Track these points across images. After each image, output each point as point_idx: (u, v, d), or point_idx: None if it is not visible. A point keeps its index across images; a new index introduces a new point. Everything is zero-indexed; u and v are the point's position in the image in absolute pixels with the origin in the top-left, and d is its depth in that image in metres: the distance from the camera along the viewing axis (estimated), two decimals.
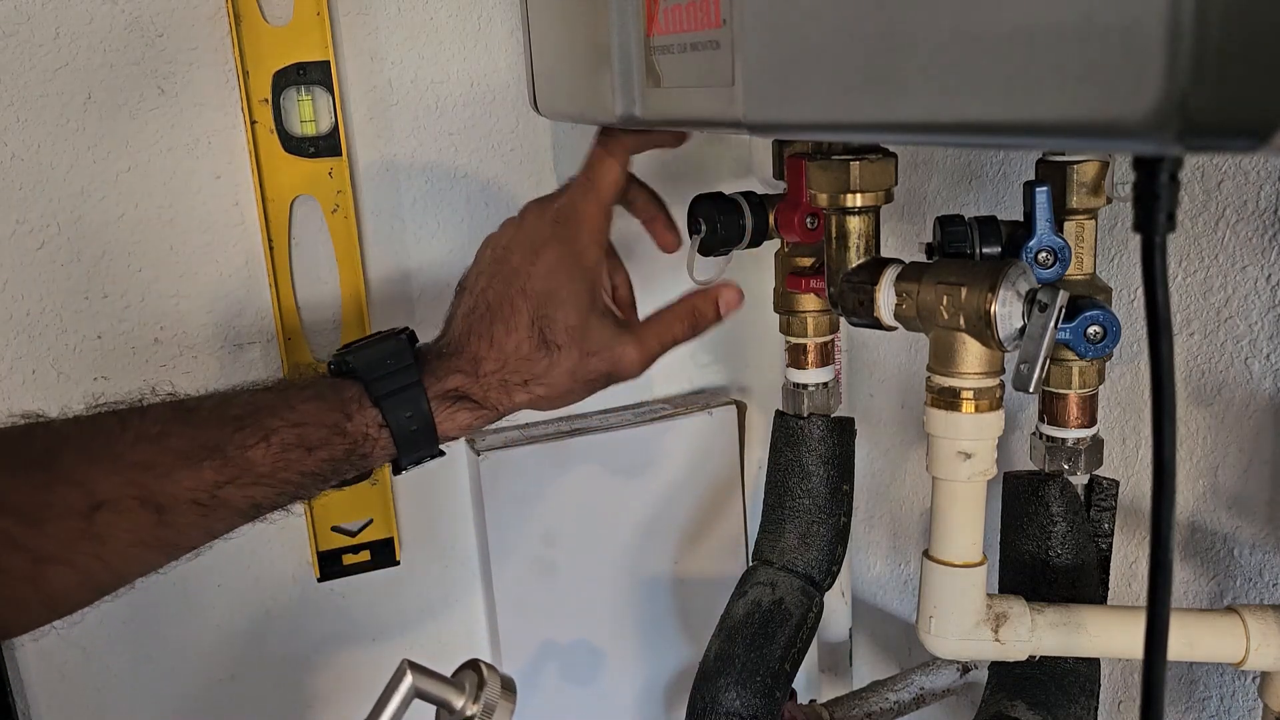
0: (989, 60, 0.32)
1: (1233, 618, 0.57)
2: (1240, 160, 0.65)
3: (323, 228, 0.85)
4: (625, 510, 0.98)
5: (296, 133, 0.82)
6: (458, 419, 0.59)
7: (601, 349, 0.60)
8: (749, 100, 0.46)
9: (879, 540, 1.07)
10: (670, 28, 0.52)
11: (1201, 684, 0.74)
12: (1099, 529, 0.64)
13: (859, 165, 0.58)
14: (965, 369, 0.55)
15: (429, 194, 0.90)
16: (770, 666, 0.70)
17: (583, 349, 0.59)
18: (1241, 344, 0.67)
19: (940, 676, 0.87)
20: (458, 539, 0.97)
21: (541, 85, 0.72)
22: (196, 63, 0.80)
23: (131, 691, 0.87)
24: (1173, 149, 0.28)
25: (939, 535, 0.59)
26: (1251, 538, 0.69)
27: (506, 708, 0.52)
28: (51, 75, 0.76)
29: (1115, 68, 0.28)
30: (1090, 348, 0.57)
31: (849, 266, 0.60)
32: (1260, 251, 0.65)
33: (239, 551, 0.88)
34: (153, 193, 0.81)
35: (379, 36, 0.85)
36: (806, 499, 0.74)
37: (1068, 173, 0.58)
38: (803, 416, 0.75)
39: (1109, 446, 0.69)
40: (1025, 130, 0.32)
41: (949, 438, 0.57)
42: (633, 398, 1.02)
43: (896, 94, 0.36)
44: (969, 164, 0.85)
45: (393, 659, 0.96)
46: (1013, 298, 0.52)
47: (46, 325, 0.80)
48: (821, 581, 0.75)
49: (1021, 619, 0.58)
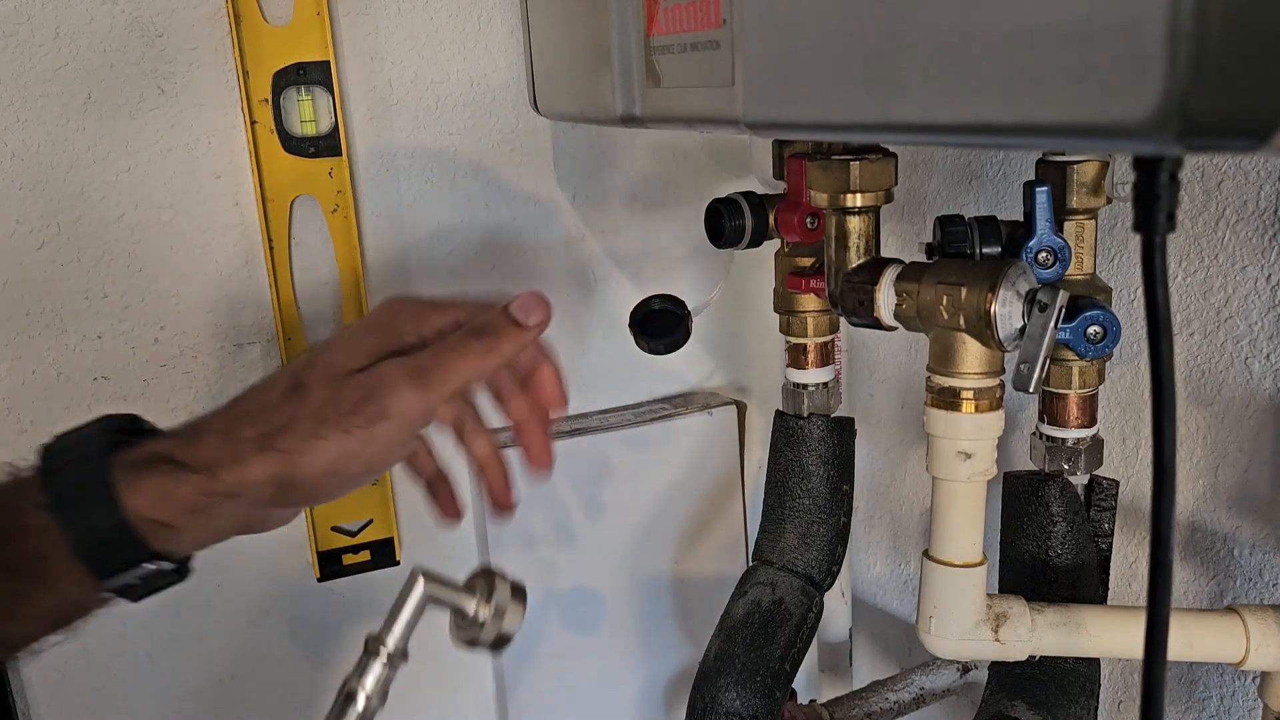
0: (989, 61, 0.32)
1: (1233, 618, 0.57)
2: (1240, 160, 0.65)
3: (322, 228, 0.85)
4: (625, 510, 0.98)
5: (296, 133, 0.82)
6: (150, 484, 0.44)
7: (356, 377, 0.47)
8: (749, 100, 0.46)
9: (879, 540, 1.07)
10: (670, 28, 0.52)
11: (1201, 684, 0.74)
12: (1099, 529, 0.64)
13: (859, 165, 0.58)
14: (965, 369, 0.55)
15: (429, 194, 0.90)
16: (770, 666, 0.70)
17: (336, 381, 0.47)
18: (1241, 344, 0.67)
19: (940, 676, 0.87)
20: (458, 539, 0.96)
21: (541, 85, 0.72)
22: (196, 63, 0.80)
23: (131, 691, 0.87)
24: (1173, 149, 0.28)
25: (939, 535, 0.59)
26: (1251, 537, 0.69)
27: (517, 611, 0.51)
28: (51, 75, 0.76)
29: (1115, 68, 0.28)
30: (1090, 348, 0.57)
31: (849, 266, 0.60)
32: (1260, 251, 0.65)
33: (239, 552, 0.88)
34: (153, 193, 0.81)
35: (379, 36, 0.85)
36: (806, 499, 0.74)
37: (1068, 173, 0.58)
38: (803, 416, 0.75)
39: (1109, 446, 0.69)
40: (1025, 131, 0.32)
41: (949, 438, 0.57)
42: (633, 398, 1.02)
43: (896, 94, 0.36)
44: (969, 164, 0.85)
45: None
46: (1013, 298, 0.52)
47: (46, 325, 0.80)
48: (821, 581, 0.75)
49: (1021, 619, 0.58)
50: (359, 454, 0.46)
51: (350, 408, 0.46)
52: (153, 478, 0.44)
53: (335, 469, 0.46)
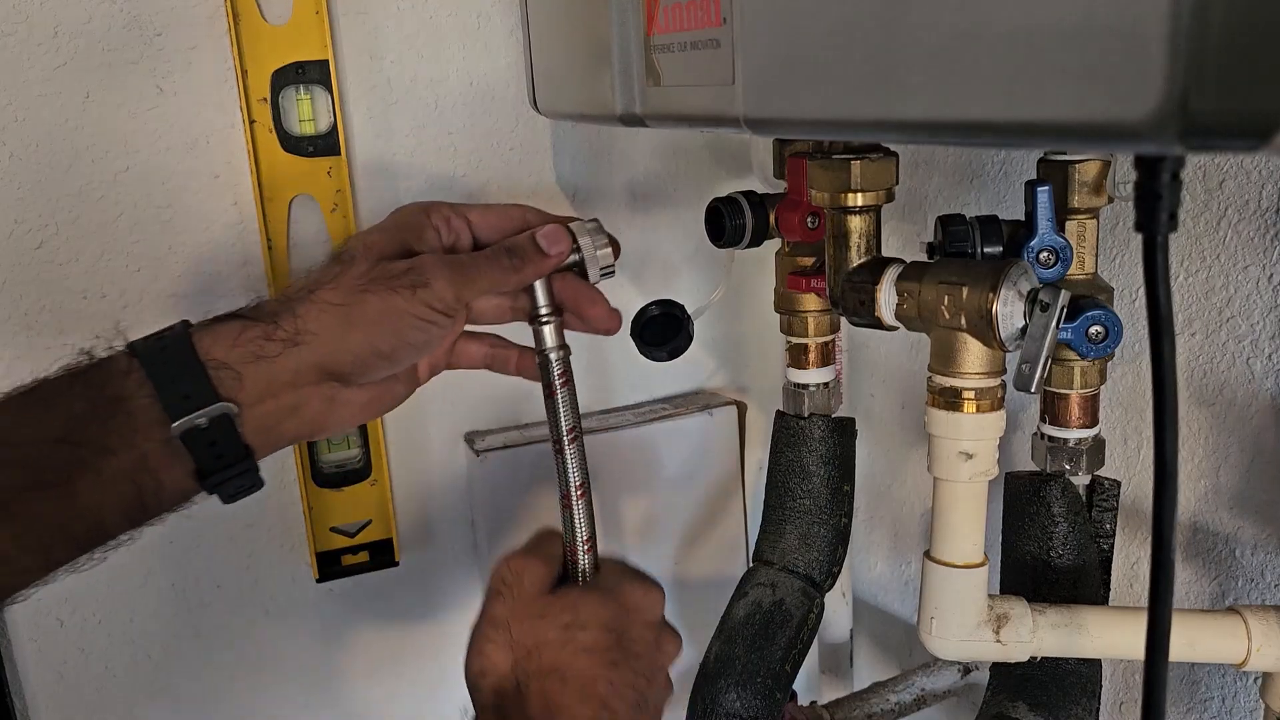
0: (990, 60, 0.32)
1: (1234, 618, 0.57)
2: (1242, 160, 0.65)
3: (322, 227, 0.85)
4: (625, 510, 0.98)
5: (295, 132, 0.82)
6: (219, 331, 0.49)
7: (402, 259, 0.53)
8: (749, 99, 0.46)
9: (880, 541, 1.07)
10: (670, 26, 0.52)
11: (1203, 685, 0.74)
12: (1100, 529, 0.63)
13: (860, 164, 0.58)
14: (967, 369, 0.55)
15: (428, 193, 0.89)
16: (771, 668, 0.70)
17: (382, 255, 0.53)
18: (1243, 344, 0.67)
19: (941, 678, 0.87)
20: (457, 539, 0.96)
21: (541, 84, 0.72)
22: (195, 62, 0.79)
23: (131, 692, 0.87)
24: (1174, 149, 0.27)
25: (940, 536, 0.59)
26: (1253, 538, 0.69)
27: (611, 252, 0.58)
28: (50, 74, 0.76)
29: (1117, 68, 0.28)
30: (1092, 348, 0.57)
31: (850, 266, 0.60)
32: (1262, 251, 0.65)
33: (238, 552, 0.88)
34: (152, 193, 0.80)
35: (378, 36, 0.85)
36: (807, 499, 0.74)
37: (1069, 172, 0.58)
38: (803, 417, 0.74)
39: (1110, 447, 0.68)
40: (1026, 130, 0.32)
41: (950, 438, 0.56)
42: (633, 398, 1.02)
43: (897, 93, 0.36)
44: (970, 163, 0.85)
45: (392, 659, 0.96)
46: (1014, 297, 0.52)
47: (45, 325, 0.80)
48: (822, 582, 0.74)
49: (1023, 620, 0.58)
50: (403, 312, 0.51)
51: (396, 275, 0.51)
52: (221, 326, 0.50)
53: (377, 322, 0.51)
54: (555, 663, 0.51)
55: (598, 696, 0.51)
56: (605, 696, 0.51)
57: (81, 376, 0.48)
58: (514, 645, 0.52)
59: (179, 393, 0.47)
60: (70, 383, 0.47)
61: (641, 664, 0.53)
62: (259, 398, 0.49)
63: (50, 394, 0.47)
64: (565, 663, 0.51)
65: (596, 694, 0.51)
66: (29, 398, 0.47)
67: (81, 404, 0.47)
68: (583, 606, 0.53)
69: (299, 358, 0.49)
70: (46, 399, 0.47)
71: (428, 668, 0.96)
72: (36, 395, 0.47)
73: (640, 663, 0.53)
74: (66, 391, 0.47)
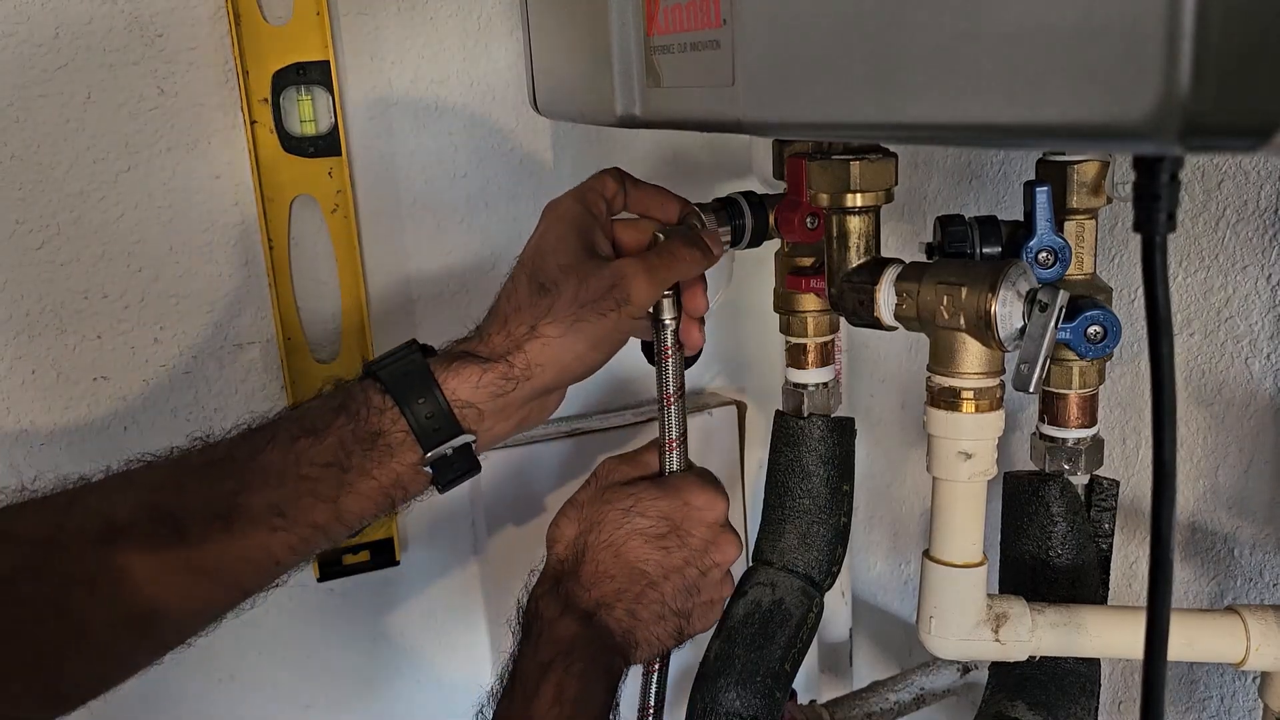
0: (989, 61, 0.32)
1: (1233, 618, 0.57)
2: (1240, 160, 0.65)
3: (322, 227, 0.85)
4: None
5: (296, 132, 0.82)
6: (463, 374, 0.57)
7: (600, 271, 0.58)
8: (749, 100, 0.46)
9: (879, 540, 1.07)
10: (670, 27, 0.52)
11: (1202, 684, 0.74)
12: (1099, 529, 0.63)
13: (859, 165, 0.58)
14: (966, 369, 0.55)
15: (428, 193, 0.90)
16: (770, 667, 0.70)
17: (580, 275, 0.58)
18: (1242, 344, 0.67)
19: (940, 677, 0.87)
20: (458, 539, 0.96)
21: (541, 85, 0.72)
22: (196, 62, 0.79)
23: (130, 692, 0.87)
24: (1173, 149, 0.28)
25: (939, 535, 0.59)
26: (1252, 538, 0.69)
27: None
28: (51, 75, 0.76)
29: (1116, 68, 0.28)
30: (1090, 348, 0.57)
31: (849, 266, 0.60)
32: (1260, 251, 0.65)
33: None
34: (152, 193, 0.81)
35: (379, 36, 0.85)
36: (806, 499, 0.74)
37: (1068, 173, 0.58)
38: (803, 416, 0.75)
39: (1109, 446, 0.69)
40: (1025, 131, 0.32)
41: (949, 438, 0.57)
42: (633, 398, 1.02)
43: (897, 94, 0.36)
44: (969, 164, 0.85)
45: (392, 659, 0.96)
46: (1013, 297, 0.52)
47: (46, 325, 0.80)
48: (821, 582, 0.75)
49: (1022, 619, 0.58)
50: (614, 329, 0.58)
51: (600, 294, 0.57)
52: (464, 369, 0.57)
53: (595, 345, 0.58)
54: (611, 539, 0.60)
55: (644, 574, 0.60)
56: (652, 576, 0.60)
57: (343, 410, 0.56)
58: (581, 520, 0.62)
59: (430, 427, 0.56)
60: (335, 415, 0.56)
61: (694, 555, 0.61)
62: (494, 424, 0.58)
63: (317, 423, 0.56)
64: (619, 540, 0.60)
65: (643, 572, 0.60)
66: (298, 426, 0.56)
67: (347, 434, 0.56)
68: (645, 496, 0.61)
69: (530, 387, 0.58)
70: (316, 430, 0.55)
71: (428, 667, 0.96)
72: (305, 425, 0.56)
73: (693, 554, 0.61)
74: (332, 422, 0.56)
